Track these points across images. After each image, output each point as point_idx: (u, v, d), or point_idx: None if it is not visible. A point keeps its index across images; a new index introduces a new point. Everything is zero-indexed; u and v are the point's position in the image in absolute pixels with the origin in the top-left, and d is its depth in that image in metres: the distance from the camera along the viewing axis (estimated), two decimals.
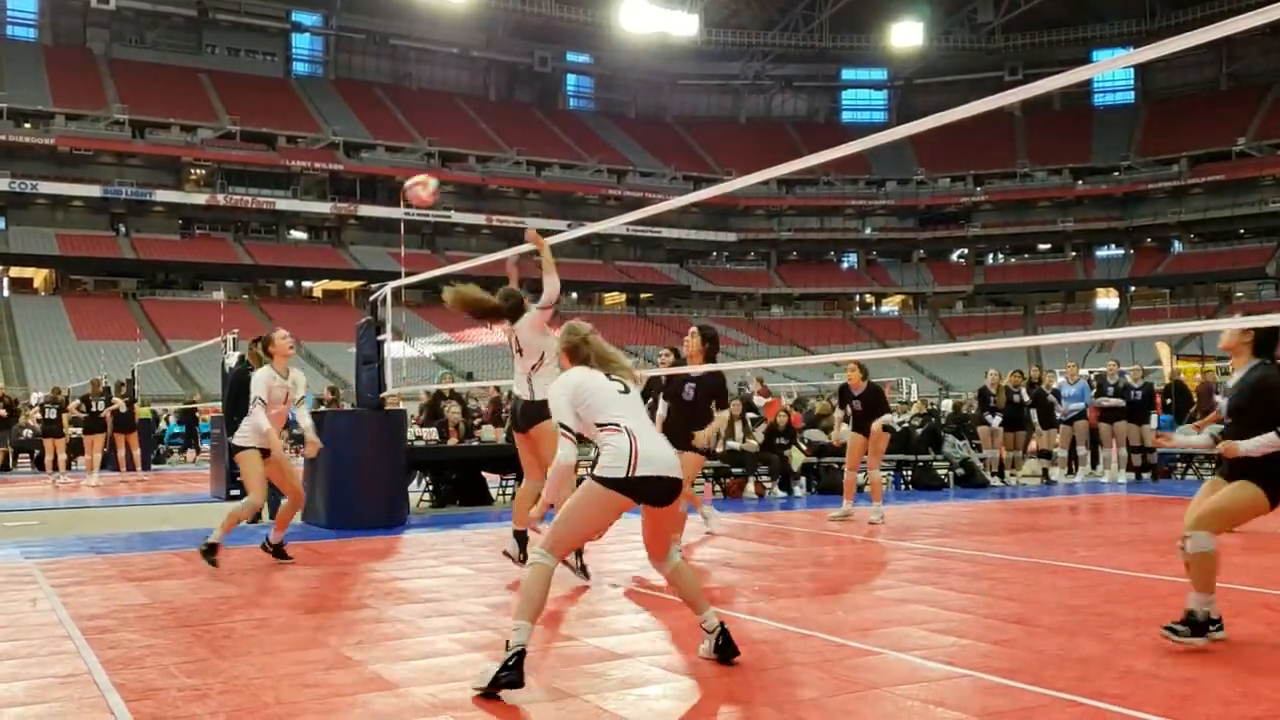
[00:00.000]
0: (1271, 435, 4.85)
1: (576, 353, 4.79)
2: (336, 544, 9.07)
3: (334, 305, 60.60)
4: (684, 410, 8.10)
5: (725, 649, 4.64)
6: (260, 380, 7.89)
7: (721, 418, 8.76)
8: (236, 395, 10.99)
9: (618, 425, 4.52)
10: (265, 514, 9.74)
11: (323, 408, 16.43)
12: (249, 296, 58.56)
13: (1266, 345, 5.08)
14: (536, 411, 6.75)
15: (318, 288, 63.57)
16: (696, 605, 4.73)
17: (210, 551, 7.67)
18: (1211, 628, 4.84)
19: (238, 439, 7.96)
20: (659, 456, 4.51)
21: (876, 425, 10.73)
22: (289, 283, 62.17)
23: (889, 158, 69.25)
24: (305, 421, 8.42)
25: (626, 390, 4.70)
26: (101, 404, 17.62)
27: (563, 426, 4.55)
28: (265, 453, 7.90)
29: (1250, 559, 7.74)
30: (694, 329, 8.17)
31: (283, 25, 67.98)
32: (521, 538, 7.22)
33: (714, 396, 8.15)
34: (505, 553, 7.38)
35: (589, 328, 4.87)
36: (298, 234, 62.24)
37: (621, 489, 4.44)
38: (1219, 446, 5.02)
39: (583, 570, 7.05)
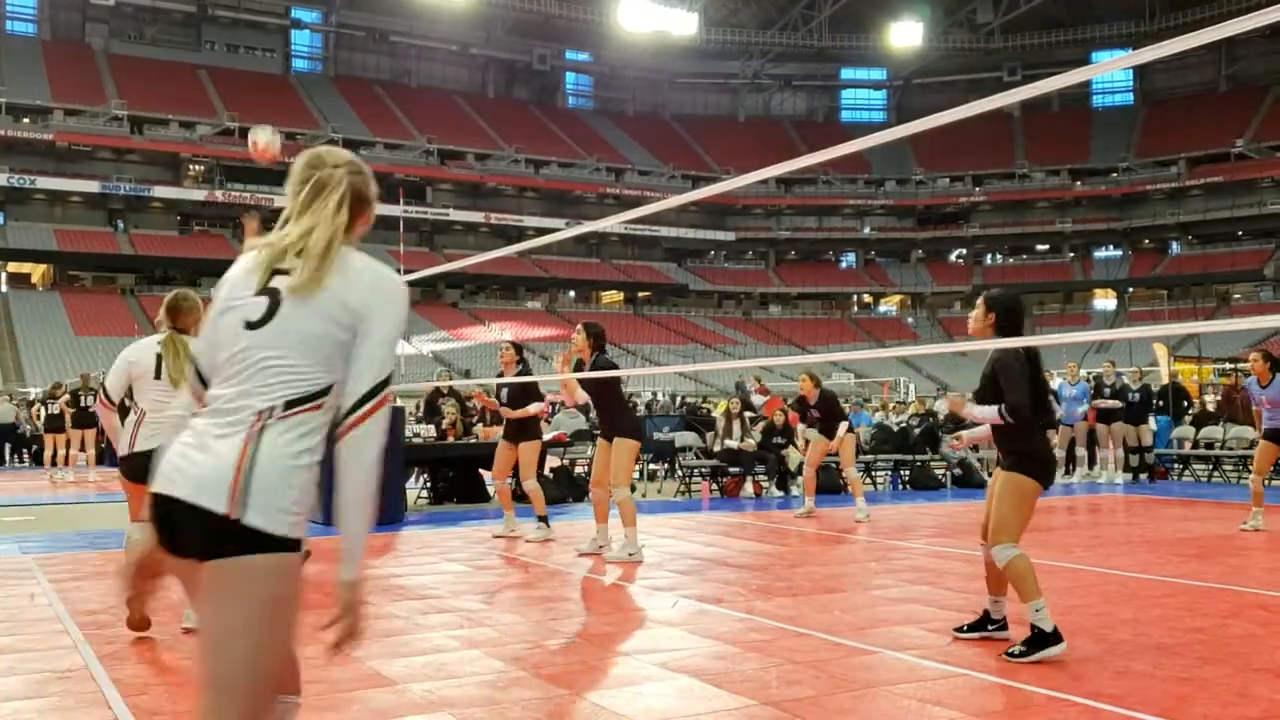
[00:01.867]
0: (996, 408, 4.93)
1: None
2: (334, 541, 9.05)
3: None
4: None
5: None
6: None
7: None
8: None
9: None
10: None
11: None
12: None
13: (1010, 327, 5.07)
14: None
15: None
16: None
17: None
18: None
19: None
20: None
21: (842, 429, 11.12)
22: None
23: (888, 157, 69.27)
24: None
25: None
26: (91, 399, 17.62)
27: None
28: None
29: (1249, 560, 7.75)
30: (579, 326, 8.76)
31: (282, 22, 67.94)
32: None
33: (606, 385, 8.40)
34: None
35: None
36: None
37: None
38: (947, 402, 5.40)
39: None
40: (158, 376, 5.32)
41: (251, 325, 2.20)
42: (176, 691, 4.28)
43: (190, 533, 2.06)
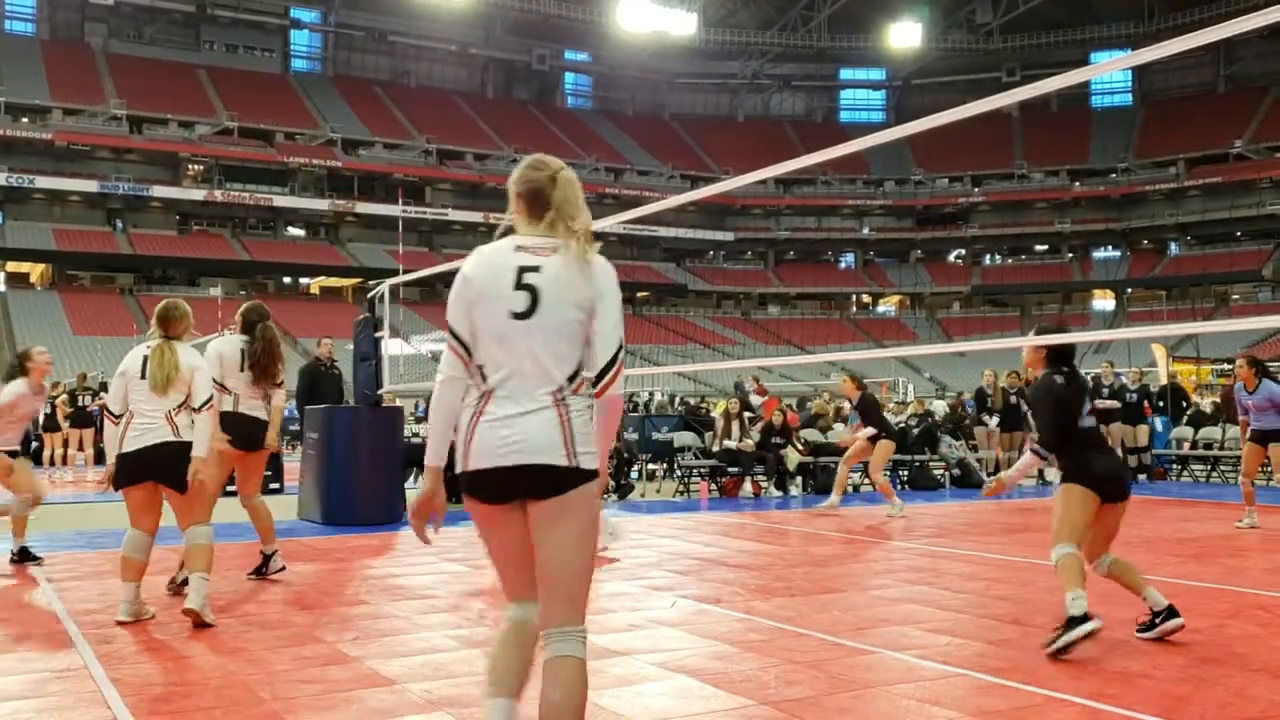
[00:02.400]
0: (1026, 456, 5.47)
1: None
2: (333, 540, 9.07)
3: (331, 302, 60.49)
4: None
5: None
6: (10, 392, 7.57)
7: None
8: (309, 388, 11.43)
9: None
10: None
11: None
12: (246, 293, 58.42)
13: (1061, 356, 5.48)
14: None
15: (315, 284, 63.50)
16: None
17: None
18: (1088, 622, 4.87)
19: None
20: None
21: (866, 432, 11.40)
22: (286, 279, 62.09)
23: (887, 158, 69.27)
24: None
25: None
26: (88, 398, 17.63)
27: None
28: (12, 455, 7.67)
29: (1247, 561, 7.76)
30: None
31: (281, 21, 67.92)
32: None
33: None
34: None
35: None
36: (295, 230, 62.18)
37: None
38: (985, 490, 5.71)
39: None
40: (143, 376, 5.58)
41: (518, 315, 2.81)
42: (175, 690, 4.28)
43: (543, 482, 2.77)
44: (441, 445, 2.89)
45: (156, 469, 5.55)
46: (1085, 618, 4.81)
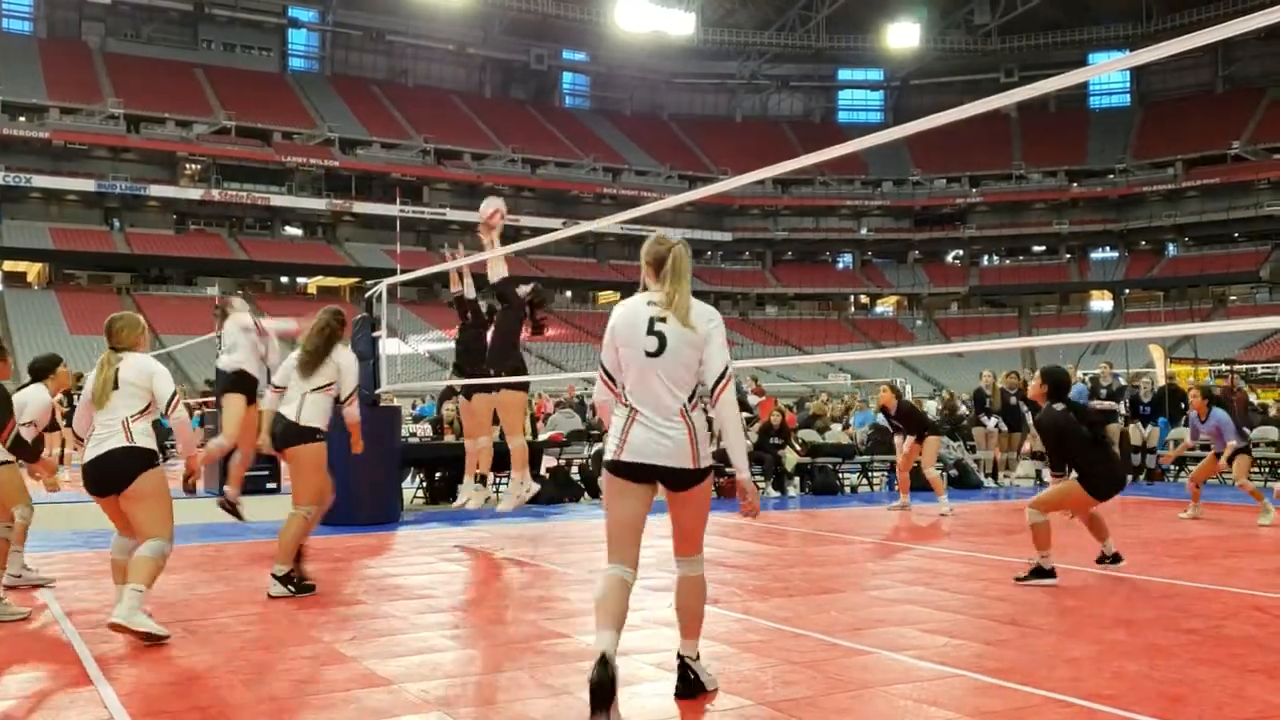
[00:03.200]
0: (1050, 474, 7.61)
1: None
2: (330, 540, 9.07)
3: (329, 302, 59.94)
4: None
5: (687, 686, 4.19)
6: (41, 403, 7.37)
7: None
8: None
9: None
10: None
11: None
12: (243, 292, 58.42)
13: (1058, 390, 6.98)
14: None
15: (312, 284, 63.45)
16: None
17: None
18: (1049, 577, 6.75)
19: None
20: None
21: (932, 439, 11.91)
22: (283, 279, 62.04)
23: (885, 158, 69.28)
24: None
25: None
26: None
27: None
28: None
29: (1242, 562, 7.76)
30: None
31: (279, 21, 67.86)
32: None
33: None
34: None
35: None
36: (293, 230, 62.13)
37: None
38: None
39: None
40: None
41: (651, 355, 3.90)
42: (172, 690, 4.28)
43: (675, 479, 3.94)
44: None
45: (104, 477, 5.37)
46: (1052, 572, 6.71)
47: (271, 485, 12.50)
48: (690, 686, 4.15)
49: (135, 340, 5.77)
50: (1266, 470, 15.42)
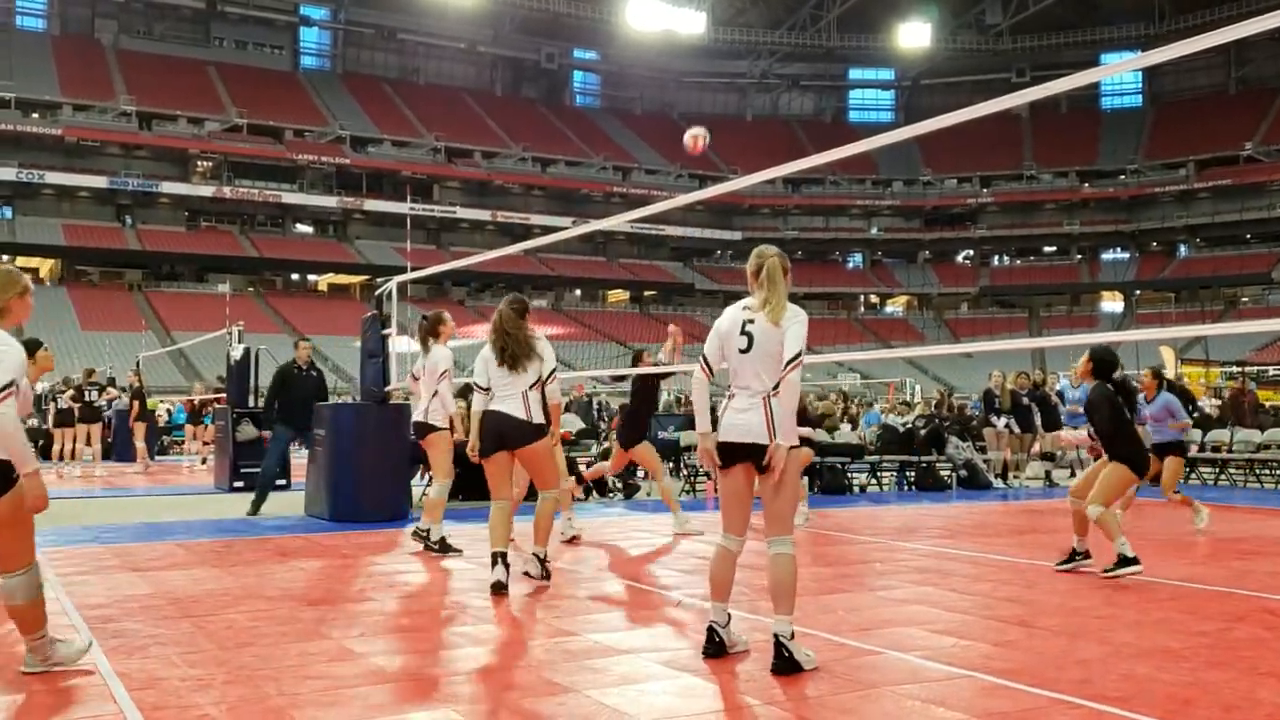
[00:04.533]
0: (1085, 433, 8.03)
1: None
2: (339, 537, 9.09)
3: (339, 299, 60.63)
4: None
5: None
6: (449, 358, 8.11)
7: None
8: (279, 388, 11.23)
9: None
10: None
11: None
12: (254, 289, 58.62)
13: (1101, 372, 7.27)
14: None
15: (323, 281, 63.62)
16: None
17: (443, 545, 7.99)
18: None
19: (434, 419, 8.12)
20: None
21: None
22: (294, 276, 62.23)
23: (895, 158, 69.14)
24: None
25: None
26: (95, 393, 17.66)
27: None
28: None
29: (1254, 564, 7.73)
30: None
31: (291, 19, 68.04)
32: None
33: None
34: (527, 574, 6.85)
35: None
36: (303, 227, 62.29)
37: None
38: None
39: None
40: None
41: (742, 351, 4.62)
42: (182, 685, 4.30)
43: (752, 454, 4.55)
44: (702, 421, 4.75)
45: None
46: (1136, 559, 6.81)
47: (282, 482, 12.56)
48: (785, 663, 4.47)
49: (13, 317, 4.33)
50: (1276, 473, 15.35)
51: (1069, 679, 4.42)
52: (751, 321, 4.60)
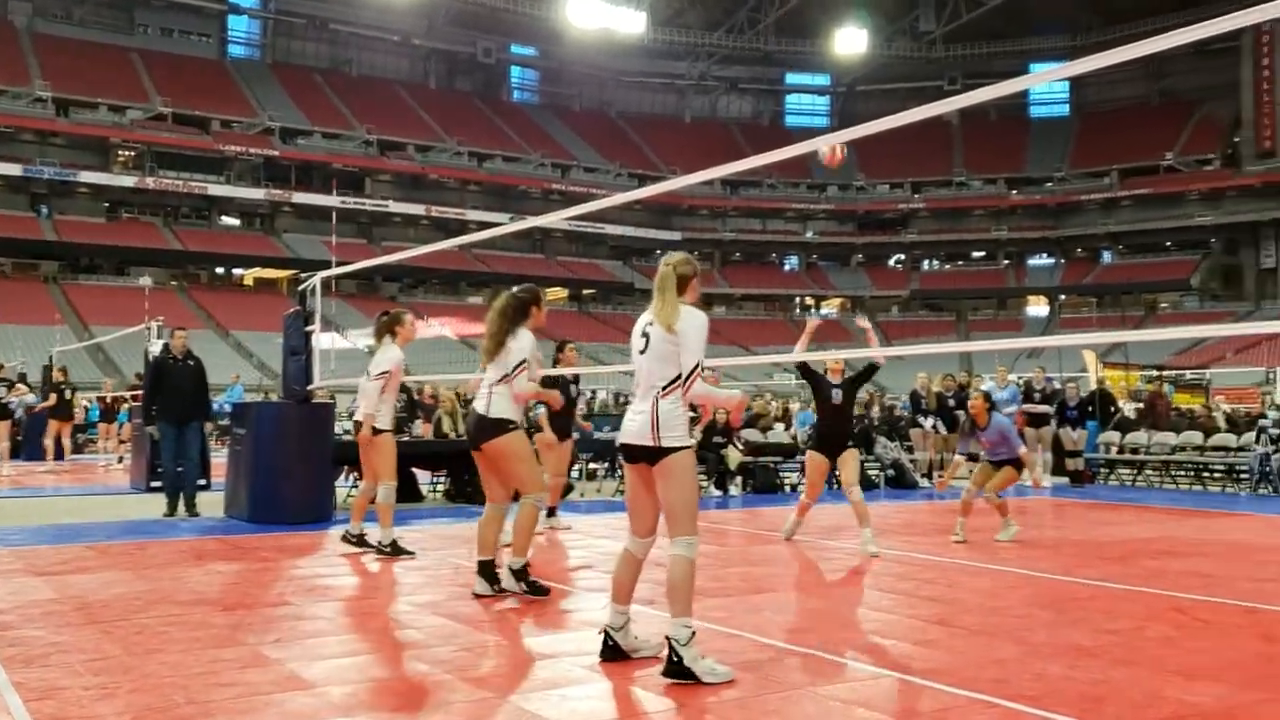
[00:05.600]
0: None
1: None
2: (258, 539, 8.90)
3: (265, 294, 59.53)
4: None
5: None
6: (398, 359, 7.94)
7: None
8: (154, 381, 10.79)
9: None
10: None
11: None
12: (177, 283, 57.35)
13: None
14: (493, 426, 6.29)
15: (249, 275, 62.43)
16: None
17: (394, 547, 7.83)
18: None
19: (380, 422, 7.86)
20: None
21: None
22: (219, 270, 60.99)
23: None
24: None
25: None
26: (3, 389, 17.10)
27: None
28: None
29: (1166, 564, 7.91)
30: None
31: (219, 6, 66.60)
32: (489, 570, 6.40)
33: None
34: (476, 594, 6.31)
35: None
36: (229, 220, 61.04)
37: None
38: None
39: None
40: None
41: (640, 353, 4.70)
42: (85, 695, 4.15)
43: (641, 454, 4.60)
44: None
45: None
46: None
47: (202, 482, 12.27)
48: (673, 668, 4.39)
49: None
50: (1191, 475, 15.77)
51: (987, 678, 4.46)
52: (651, 324, 4.66)
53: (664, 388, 4.54)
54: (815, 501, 9.15)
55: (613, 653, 4.72)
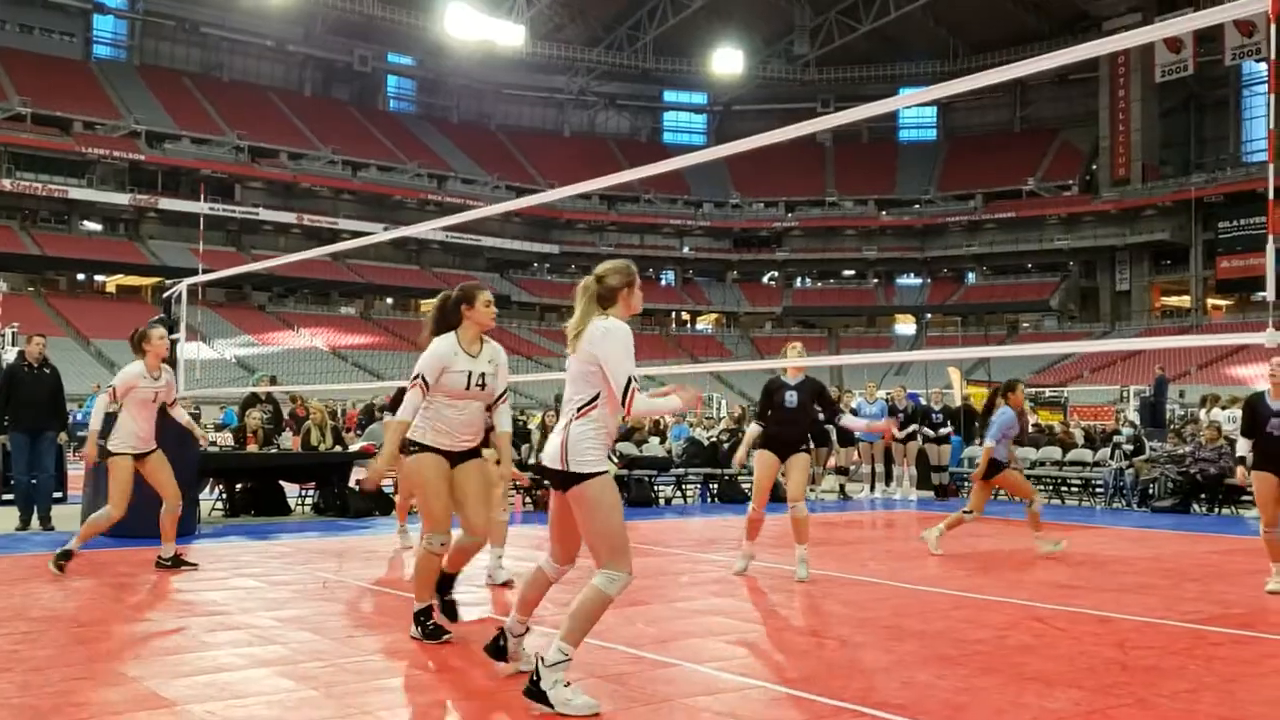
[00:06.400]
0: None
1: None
2: (118, 553, 8.55)
3: (129, 301, 57.28)
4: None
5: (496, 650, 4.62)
6: (128, 376, 7.47)
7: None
8: (6, 390, 10.28)
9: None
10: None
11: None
12: (35, 289, 54.75)
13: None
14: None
15: (111, 282, 59.97)
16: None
17: (64, 558, 7.36)
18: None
19: (111, 443, 7.48)
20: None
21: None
22: (80, 276, 58.44)
23: (707, 180, 70.75)
24: (183, 417, 8.11)
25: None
26: None
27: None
28: (138, 457, 7.49)
29: (1025, 575, 8.22)
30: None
31: (84, 5, 63.90)
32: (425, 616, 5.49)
33: None
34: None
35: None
36: (92, 225, 58.51)
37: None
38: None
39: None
40: None
41: (568, 372, 4.41)
42: None
43: (553, 478, 4.35)
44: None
45: None
46: None
47: (59, 495, 11.72)
48: (531, 689, 4.15)
49: None
50: (1050, 488, 16.43)
51: (855, 687, 4.56)
52: (574, 339, 4.42)
53: (579, 409, 4.27)
54: (764, 513, 7.99)
55: (497, 652, 4.58)
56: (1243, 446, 7.70)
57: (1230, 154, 62.82)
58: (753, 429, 8.37)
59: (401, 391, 8.41)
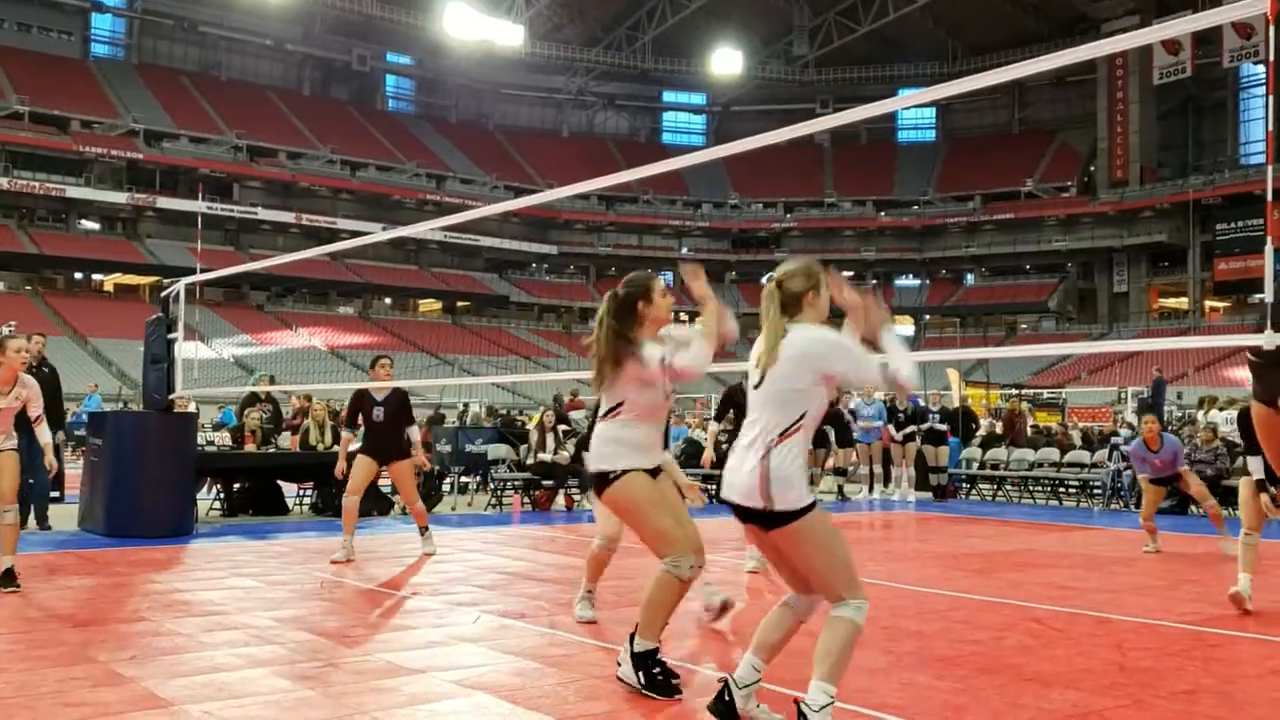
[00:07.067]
0: None
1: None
2: (115, 553, 8.53)
3: (127, 300, 57.24)
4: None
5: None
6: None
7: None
8: None
9: None
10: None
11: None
12: (33, 288, 54.72)
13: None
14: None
15: (109, 281, 59.93)
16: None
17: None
18: None
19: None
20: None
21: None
22: (78, 275, 58.40)
23: (706, 181, 70.78)
24: (45, 439, 7.32)
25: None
26: None
27: None
28: None
29: (1024, 576, 8.22)
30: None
31: (82, 4, 63.90)
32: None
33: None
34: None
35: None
36: (90, 224, 58.48)
37: None
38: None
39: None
40: None
41: (755, 388, 3.95)
42: None
43: (744, 516, 3.92)
44: None
45: None
46: None
47: (55, 494, 11.70)
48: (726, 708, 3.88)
49: None
50: (1048, 490, 16.43)
51: (854, 687, 4.55)
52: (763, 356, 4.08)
53: (782, 433, 3.72)
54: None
55: (725, 709, 3.90)
56: (1255, 467, 6.55)
57: (1228, 156, 62.87)
58: (712, 427, 8.57)
59: (356, 403, 8.45)
